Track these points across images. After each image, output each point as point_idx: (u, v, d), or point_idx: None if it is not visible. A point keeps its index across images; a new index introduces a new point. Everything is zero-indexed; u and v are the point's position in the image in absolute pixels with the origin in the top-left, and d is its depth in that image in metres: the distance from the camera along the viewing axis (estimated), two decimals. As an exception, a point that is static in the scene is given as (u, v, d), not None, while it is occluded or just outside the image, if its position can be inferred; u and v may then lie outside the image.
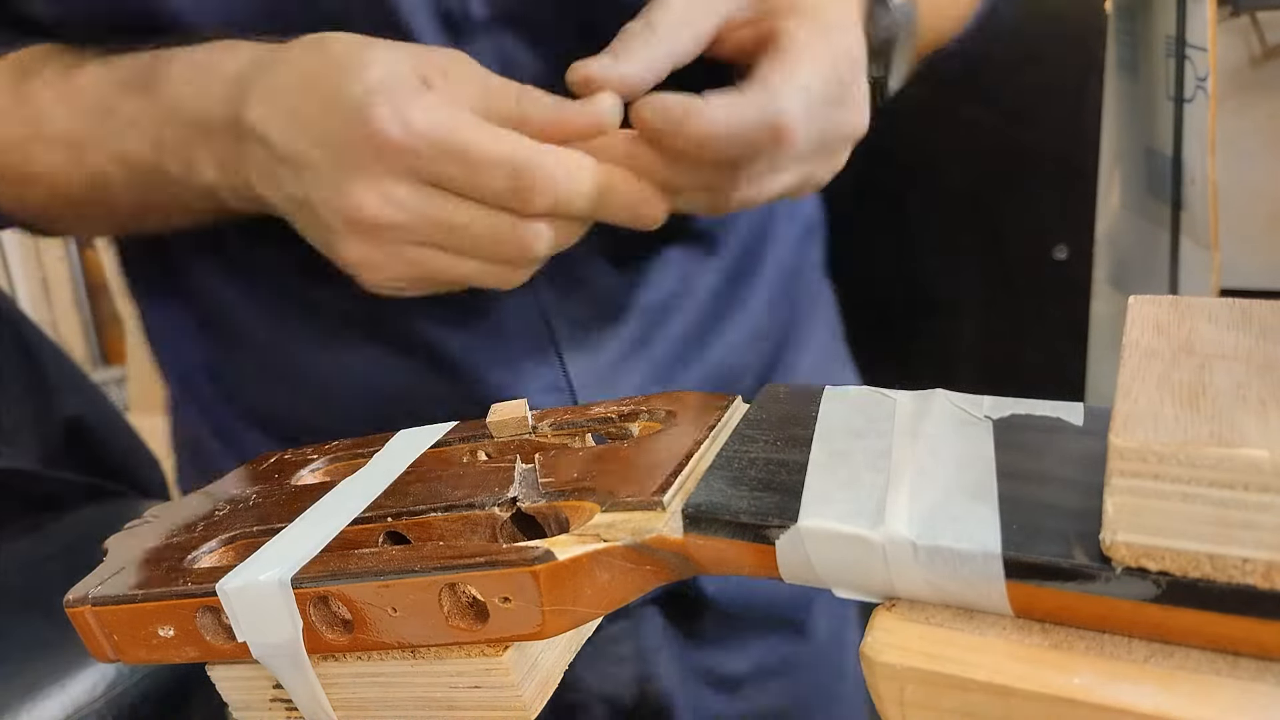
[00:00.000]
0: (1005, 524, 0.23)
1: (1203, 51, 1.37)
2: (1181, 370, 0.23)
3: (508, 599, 0.27)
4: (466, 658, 0.29)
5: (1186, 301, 0.27)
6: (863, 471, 0.27)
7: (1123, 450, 0.21)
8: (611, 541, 0.27)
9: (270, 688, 0.32)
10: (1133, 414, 0.22)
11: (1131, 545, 0.21)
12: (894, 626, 0.24)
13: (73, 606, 0.32)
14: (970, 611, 0.24)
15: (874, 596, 0.25)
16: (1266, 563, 0.20)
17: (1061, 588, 0.22)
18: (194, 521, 0.35)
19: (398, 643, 0.29)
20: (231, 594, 0.29)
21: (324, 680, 0.31)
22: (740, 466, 0.28)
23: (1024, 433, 0.27)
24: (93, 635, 0.32)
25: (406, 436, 0.38)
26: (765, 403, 0.32)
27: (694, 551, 0.27)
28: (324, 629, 0.29)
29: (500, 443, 0.35)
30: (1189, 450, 0.21)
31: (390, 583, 0.28)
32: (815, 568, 0.25)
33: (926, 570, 0.24)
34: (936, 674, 0.23)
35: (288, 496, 0.36)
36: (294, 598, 0.29)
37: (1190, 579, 0.21)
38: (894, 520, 0.24)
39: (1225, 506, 0.20)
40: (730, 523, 0.26)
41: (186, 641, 0.31)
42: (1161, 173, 1.50)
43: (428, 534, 0.31)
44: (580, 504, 0.30)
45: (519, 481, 0.31)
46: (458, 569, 0.27)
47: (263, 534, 0.32)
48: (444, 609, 0.28)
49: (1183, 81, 1.42)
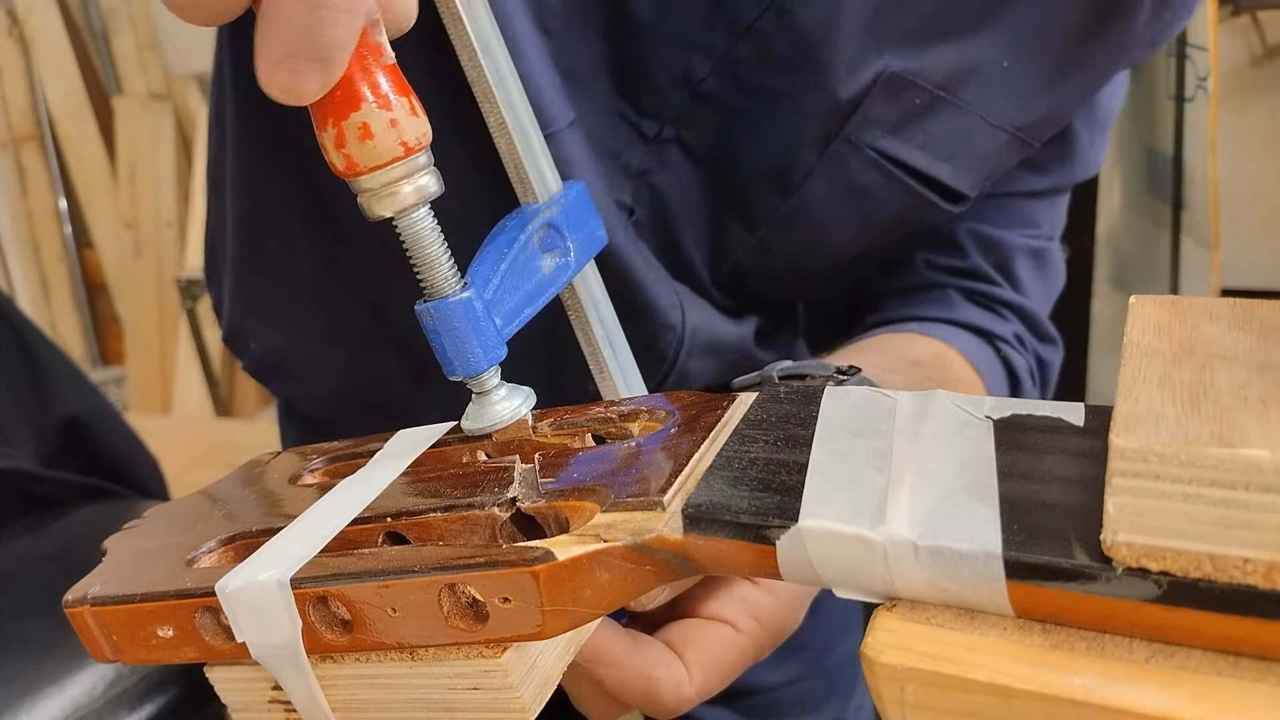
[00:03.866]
0: (1006, 524, 0.23)
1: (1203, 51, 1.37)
2: (1182, 370, 0.23)
3: (507, 599, 0.27)
4: (465, 659, 0.29)
5: (1187, 301, 0.27)
6: (863, 472, 0.27)
7: (1124, 450, 0.21)
8: (611, 542, 0.27)
9: (269, 689, 0.32)
10: (1134, 414, 0.22)
11: (1132, 545, 0.21)
12: (895, 627, 0.24)
13: (72, 607, 0.32)
14: (971, 612, 0.24)
15: (874, 597, 0.25)
16: (1267, 563, 0.20)
17: (1062, 588, 0.22)
18: (193, 522, 0.35)
19: (397, 643, 0.29)
20: (231, 594, 0.29)
21: (323, 681, 0.31)
22: (740, 466, 0.28)
23: (1025, 433, 0.27)
24: (92, 635, 0.32)
25: (406, 436, 0.38)
26: (765, 403, 0.32)
27: (694, 552, 0.27)
28: (323, 629, 0.29)
29: (500, 443, 0.35)
30: (1190, 450, 0.20)
31: (390, 583, 0.28)
32: (815, 568, 0.25)
33: (927, 570, 0.24)
34: (937, 674, 0.23)
35: (287, 497, 0.36)
36: (293, 598, 0.29)
37: (1191, 579, 0.21)
38: (895, 520, 0.24)
39: (1226, 506, 0.20)
40: (731, 523, 0.26)
41: (186, 642, 0.31)
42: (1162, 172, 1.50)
43: (427, 534, 0.31)
44: (580, 504, 0.30)
45: (519, 481, 0.31)
46: (457, 569, 0.27)
47: (262, 534, 0.32)
48: (444, 609, 0.28)
49: (1183, 81, 1.42)
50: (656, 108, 0.50)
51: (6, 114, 2.50)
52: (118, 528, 0.37)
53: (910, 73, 0.49)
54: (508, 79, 0.38)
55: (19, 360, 0.93)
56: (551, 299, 0.39)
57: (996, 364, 0.59)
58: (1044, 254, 0.63)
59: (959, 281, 0.60)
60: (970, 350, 0.58)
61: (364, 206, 0.32)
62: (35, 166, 2.54)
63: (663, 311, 0.52)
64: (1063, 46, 0.51)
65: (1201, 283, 1.48)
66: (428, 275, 0.34)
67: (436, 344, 0.34)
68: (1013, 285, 0.61)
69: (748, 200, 0.53)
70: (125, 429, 1.00)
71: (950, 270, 0.61)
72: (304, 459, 0.39)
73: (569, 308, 0.43)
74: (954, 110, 0.51)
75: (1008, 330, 0.60)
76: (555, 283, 0.39)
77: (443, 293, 0.34)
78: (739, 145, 0.51)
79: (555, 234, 0.39)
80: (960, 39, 0.49)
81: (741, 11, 0.47)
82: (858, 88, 0.49)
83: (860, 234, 0.56)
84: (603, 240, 0.42)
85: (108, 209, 2.52)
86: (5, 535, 0.83)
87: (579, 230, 0.40)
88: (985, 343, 0.59)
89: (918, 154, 0.52)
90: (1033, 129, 0.53)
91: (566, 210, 0.40)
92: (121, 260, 2.51)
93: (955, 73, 0.50)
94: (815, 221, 0.54)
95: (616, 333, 0.44)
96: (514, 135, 0.39)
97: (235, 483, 0.39)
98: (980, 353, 0.58)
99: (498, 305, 0.35)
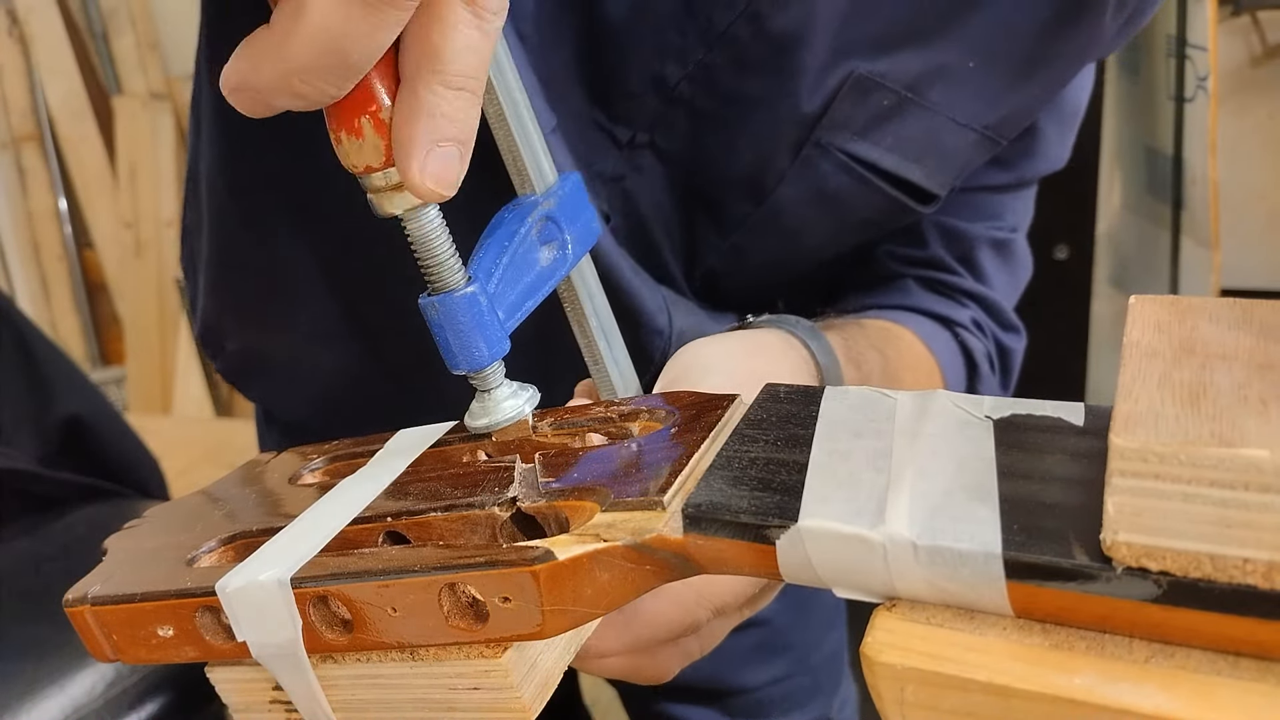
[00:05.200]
0: (1006, 524, 0.23)
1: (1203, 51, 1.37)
2: (1182, 370, 0.23)
3: (507, 599, 0.27)
4: (466, 659, 0.29)
5: (1187, 301, 0.26)
6: (863, 471, 0.27)
7: (1124, 450, 0.21)
8: (611, 541, 0.27)
9: (270, 689, 0.32)
10: (1134, 414, 0.22)
11: (1132, 545, 0.21)
12: (894, 627, 0.24)
13: (72, 606, 0.32)
14: (970, 612, 0.24)
15: (874, 597, 0.25)
16: (1267, 563, 0.20)
17: (1062, 588, 0.22)
18: (193, 521, 0.35)
19: (397, 643, 0.29)
20: (231, 594, 0.29)
21: (323, 682, 0.31)
22: (740, 466, 0.28)
23: (1025, 433, 0.27)
24: (92, 635, 0.32)
25: (406, 436, 0.38)
26: (765, 402, 0.32)
27: (694, 551, 0.27)
28: (323, 629, 0.29)
29: (500, 442, 0.35)
30: (1190, 450, 0.20)
31: (390, 583, 0.28)
32: (815, 568, 0.25)
33: (927, 570, 0.24)
34: (937, 674, 0.23)
35: (287, 496, 0.36)
36: (294, 598, 0.29)
37: (1191, 579, 0.21)
38: (894, 520, 0.24)
39: (1226, 506, 0.20)
40: (731, 523, 0.26)
41: (186, 641, 0.31)
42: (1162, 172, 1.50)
43: (427, 534, 0.31)
44: (580, 504, 0.30)
45: (519, 481, 0.31)
46: (457, 569, 0.27)
47: (262, 534, 0.32)
48: (444, 609, 0.28)
49: (1183, 81, 1.42)
50: (630, 113, 0.50)
51: (6, 114, 2.50)
52: (118, 528, 0.37)
53: (878, 75, 0.49)
54: (506, 70, 0.38)
55: (19, 360, 0.93)
56: (550, 292, 0.39)
57: (953, 347, 0.59)
58: (1008, 245, 0.63)
59: (917, 271, 0.61)
60: (923, 332, 0.58)
61: (373, 204, 0.32)
62: (35, 166, 2.54)
63: (650, 315, 0.52)
64: (1029, 45, 0.51)
65: (1201, 283, 1.48)
66: (433, 270, 0.34)
67: (440, 338, 0.34)
68: (974, 275, 0.62)
69: (721, 205, 0.54)
70: (125, 429, 1.00)
71: (909, 260, 0.61)
72: (304, 459, 0.39)
73: (565, 300, 0.43)
74: (921, 111, 0.51)
75: (965, 316, 0.61)
76: (554, 275, 0.39)
77: (448, 286, 0.34)
78: (712, 150, 0.51)
79: (553, 226, 0.39)
80: (927, 41, 0.50)
81: (715, 18, 0.47)
82: (827, 91, 0.49)
83: (833, 238, 0.56)
84: (597, 232, 0.42)
85: (108, 209, 2.51)
86: (5, 535, 0.83)
87: (575, 222, 0.40)
88: (942, 327, 0.59)
89: (888, 156, 0.52)
90: (1000, 127, 0.53)
91: (563, 202, 0.40)
92: (121, 260, 2.51)
93: (922, 74, 0.50)
94: (788, 226, 0.54)
95: (611, 325, 0.44)
96: (512, 127, 0.39)
97: (235, 482, 0.39)
98: (935, 335, 0.58)
99: (499, 299, 0.35)
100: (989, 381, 0.62)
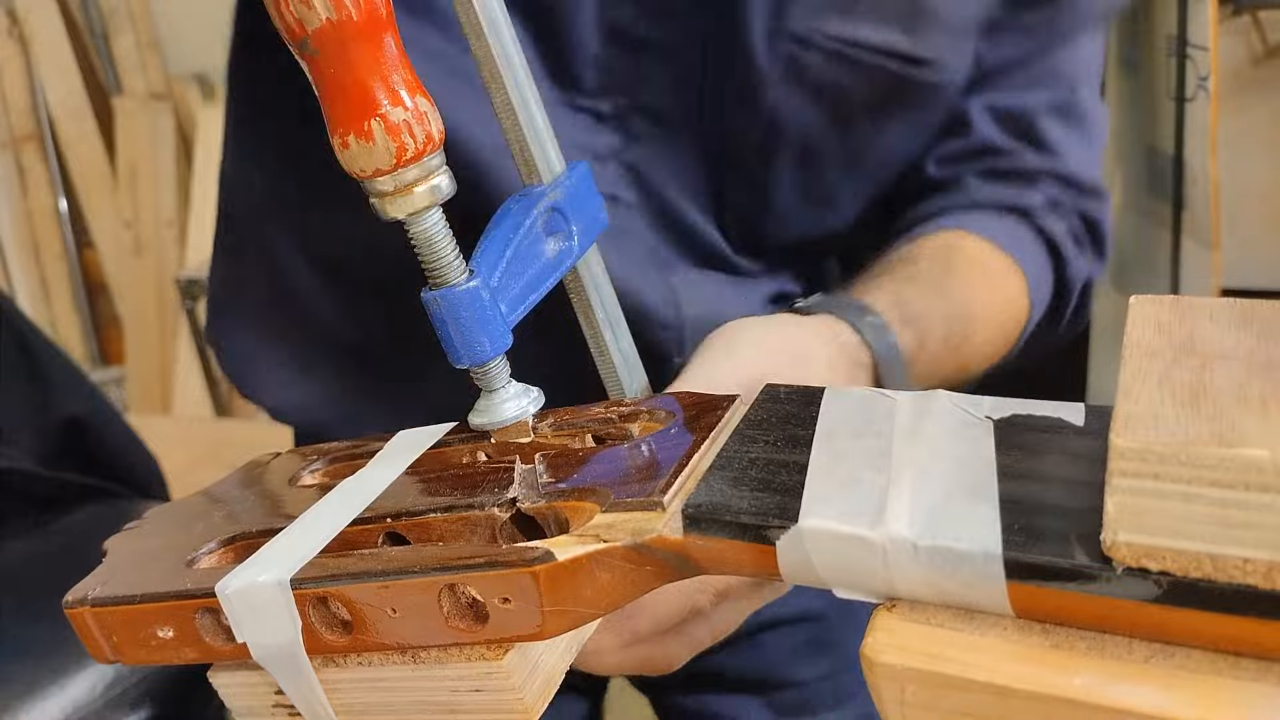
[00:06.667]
0: (1006, 524, 0.23)
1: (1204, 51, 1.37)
2: (1182, 370, 0.23)
3: (507, 600, 0.27)
4: (467, 662, 0.29)
5: (1187, 301, 0.26)
6: (863, 472, 0.27)
7: (1124, 450, 0.21)
8: (611, 542, 0.27)
9: (273, 693, 0.32)
10: (1134, 414, 0.22)
11: (1132, 545, 0.21)
12: (894, 627, 0.24)
13: (72, 607, 0.32)
14: (970, 612, 0.24)
15: (874, 597, 0.25)
16: (1267, 563, 0.20)
17: (1062, 588, 0.22)
18: (193, 522, 0.35)
19: (397, 644, 0.29)
20: (231, 595, 0.29)
21: (325, 685, 0.30)
22: (741, 467, 0.28)
23: (1025, 433, 0.27)
24: (92, 636, 0.32)
25: (406, 437, 0.38)
26: (765, 403, 0.32)
27: (694, 552, 0.27)
28: (323, 630, 0.29)
29: (500, 443, 0.35)
30: (1190, 450, 0.20)
31: (390, 583, 0.28)
32: (815, 568, 0.25)
33: (927, 570, 0.24)
34: (937, 674, 0.23)
35: (287, 497, 0.35)
36: (293, 599, 0.29)
37: (1191, 579, 0.21)
38: (894, 520, 0.24)
39: (1226, 506, 0.20)
40: (731, 523, 0.26)
41: (186, 642, 0.31)
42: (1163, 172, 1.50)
43: (427, 534, 0.31)
44: (580, 504, 0.30)
45: (519, 482, 0.31)
46: (457, 570, 0.27)
47: (262, 535, 0.32)
48: (444, 610, 0.28)
49: (1184, 81, 1.42)
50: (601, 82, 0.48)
51: (6, 114, 2.50)
52: (118, 528, 0.37)
53: None
54: (514, 59, 0.38)
55: (19, 360, 0.93)
56: (556, 284, 0.39)
57: (1029, 236, 0.55)
58: (1072, 107, 0.57)
59: (971, 164, 0.57)
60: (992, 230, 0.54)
61: (376, 208, 0.32)
62: (35, 166, 2.53)
63: (653, 309, 0.51)
64: None
65: (1201, 283, 1.47)
66: (435, 267, 0.34)
67: (443, 333, 0.34)
68: (1040, 149, 0.57)
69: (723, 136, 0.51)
70: (125, 429, 1.00)
71: (960, 156, 0.57)
72: (304, 459, 0.39)
73: (570, 290, 0.42)
74: None
75: (1037, 199, 0.56)
76: (559, 267, 0.39)
77: (449, 281, 0.34)
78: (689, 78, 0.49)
79: (559, 217, 0.39)
80: None
81: None
82: None
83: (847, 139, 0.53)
84: (603, 223, 0.42)
85: (108, 209, 2.51)
86: (5, 535, 0.83)
87: (581, 212, 0.40)
88: (1016, 219, 0.55)
89: (867, 28, 0.49)
90: None
91: (570, 192, 0.40)
92: (121, 260, 2.51)
93: None
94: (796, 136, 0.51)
95: (618, 316, 0.44)
96: (519, 116, 0.39)
97: (235, 483, 0.39)
98: (1008, 230, 0.54)
99: (503, 292, 0.35)
100: (1077, 264, 0.58)
